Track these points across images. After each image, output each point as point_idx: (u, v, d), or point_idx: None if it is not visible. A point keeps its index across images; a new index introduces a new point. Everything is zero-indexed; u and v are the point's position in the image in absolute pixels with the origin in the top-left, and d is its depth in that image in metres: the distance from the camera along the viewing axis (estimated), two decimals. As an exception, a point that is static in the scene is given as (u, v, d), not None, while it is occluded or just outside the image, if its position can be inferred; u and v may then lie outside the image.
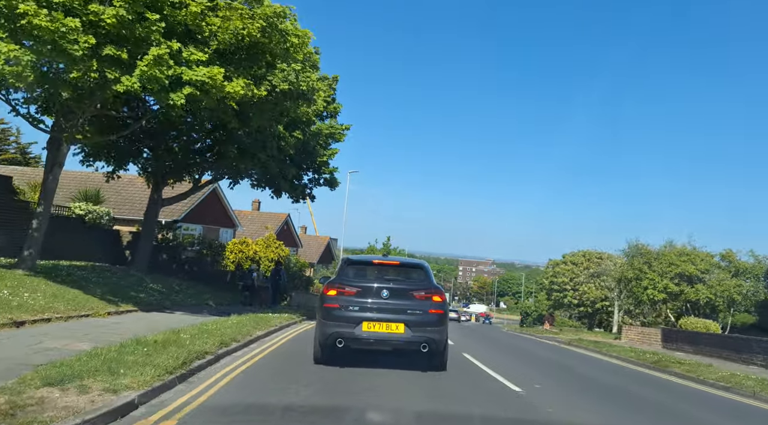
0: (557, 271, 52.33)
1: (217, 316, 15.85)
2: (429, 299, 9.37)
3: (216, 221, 36.43)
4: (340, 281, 9.56)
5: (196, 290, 23.67)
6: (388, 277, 9.68)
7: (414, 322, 9.16)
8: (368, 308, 9.22)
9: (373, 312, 9.19)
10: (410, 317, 9.18)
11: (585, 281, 49.53)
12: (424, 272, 9.92)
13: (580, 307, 50.13)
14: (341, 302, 9.30)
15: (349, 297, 9.32)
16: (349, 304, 9.26)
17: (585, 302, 49.24)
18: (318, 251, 57.34)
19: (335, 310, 9.28)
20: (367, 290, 9.35)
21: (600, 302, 48.92)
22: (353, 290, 9.36)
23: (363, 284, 9.44)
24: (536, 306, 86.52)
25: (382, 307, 9.22)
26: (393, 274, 9.80)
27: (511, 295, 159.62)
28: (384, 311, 9.20)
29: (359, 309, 9.22)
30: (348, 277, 9.67)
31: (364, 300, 9.27)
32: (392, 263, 10.01)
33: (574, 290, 50.18)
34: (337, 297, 9.35)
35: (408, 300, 9.30)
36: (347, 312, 9.21)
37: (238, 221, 38.87)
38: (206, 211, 34.96)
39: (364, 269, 10.04)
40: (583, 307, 49.83)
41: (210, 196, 35.21)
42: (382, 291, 9.32)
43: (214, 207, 35.99)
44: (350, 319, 9.17)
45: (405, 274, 9.89)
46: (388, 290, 9.34)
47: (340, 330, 9.17)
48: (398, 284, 9.49)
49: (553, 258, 54.78)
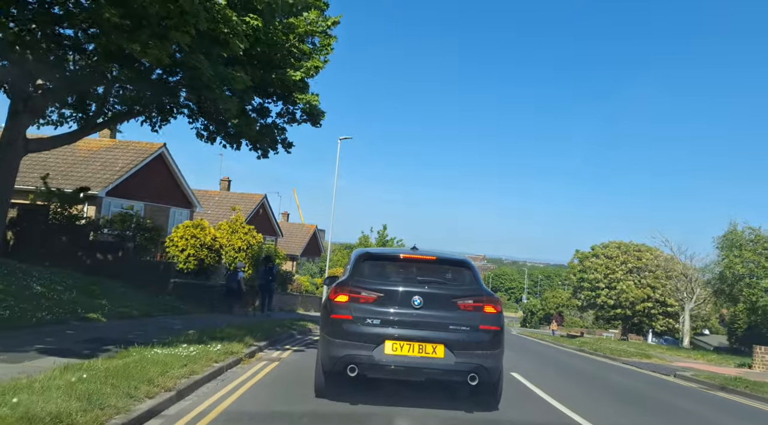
0: (587, 266, 43.91)
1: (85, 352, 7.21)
2: (479, 310, 6.93)
3: (164, 198, 27.47)
4: (354, 282, 7.01)
5: (105, 290, 14.88)
6: (422, 278, 7.13)
7: (458, 343, 6.75)
8: (393, 322, 6.79)
9: (400, 328, 6.77)
10: (453, 336, 6.77)
11: (623, 278, 41.25)
12: (471, 273, 7.32)
13: (616, 309, 41.77)
14: (355, 312, 6.83)
15: (366, 306, 6.84)
16: (366, 315, 6.79)
17: (623, 302, 40.96)
18: (302, 241, 48.50)
19: (347, 324, 6.80)
20: (392, 297, 6.89)
21: (641, 304, 40.72)
22: (372, 295, 6.89)
23: (386, 288, 6.97)
24: (543, 304, 79.85)
25: (414, 320, 6.79)
26: (428, 274, 7.23)
27: (504, 291, 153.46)
28: (416, 326, 6.78)
29: (381, 323, 6.77)
30: (365, 277, 7.10)
31: (388, 310, 6.82)
32: (426, 258, 7.38)
33: (609, 288, 41.85)
34: (349, 305, 6.87)
35: (450, 311, 6.86)
36: (364, 327, 6.76)
37: (196, 201, 29.93)
38: (149, 183, 26.01)
39: (386, 266, 7.45)
40: (620, 309, 41.54)
41: (155, 164, 26.26)
42: (413, 298, 6.84)
43: (160, 179, 27.01)
44: (368, 337, 6.72)
45: (445, 274, 7.38)
46: (422, 296, 6.86)
47: (354, 352, 6.69)
48: (436, 289, 7.02)
49: (582, 250, 46.33)
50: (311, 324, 18.17)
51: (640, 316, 41.66)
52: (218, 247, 25.06)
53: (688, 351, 24.84)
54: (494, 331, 6.95)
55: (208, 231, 24.92)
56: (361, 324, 6.81)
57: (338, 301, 7.00)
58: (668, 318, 40.78)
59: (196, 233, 24.48)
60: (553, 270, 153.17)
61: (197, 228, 24.74)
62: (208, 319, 15.67)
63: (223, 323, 13.72)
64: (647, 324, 42.17)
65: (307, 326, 17.57)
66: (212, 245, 24.71)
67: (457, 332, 6.83)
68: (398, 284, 7.06)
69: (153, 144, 26.10)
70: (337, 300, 7.02)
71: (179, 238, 24.30)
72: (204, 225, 25.04)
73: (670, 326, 40.73)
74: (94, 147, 25.80)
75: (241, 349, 9.57)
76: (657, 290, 40.21)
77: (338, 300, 7.01)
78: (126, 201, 24.54)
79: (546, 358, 17.73)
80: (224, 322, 14.17)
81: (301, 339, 14.62)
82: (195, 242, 24.32)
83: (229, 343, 9.56)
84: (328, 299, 7.22)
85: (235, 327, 12.31)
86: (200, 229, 24.77)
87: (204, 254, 24.34)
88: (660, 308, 40.50)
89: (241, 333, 11.23)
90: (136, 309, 14.16)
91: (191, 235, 24.39)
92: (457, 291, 7.10)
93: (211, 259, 24.74)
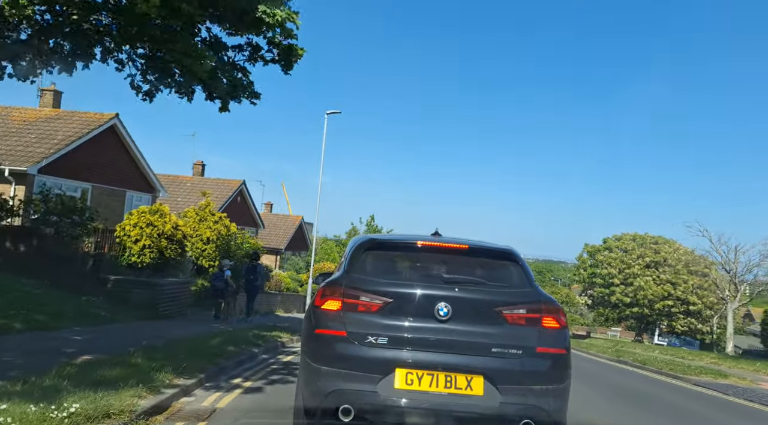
0: (600, 260, 40.05)
1: None
2: (536, 323, 4.83)
3: (118, 180, 23.19)
4: (351, 282, 4.92)
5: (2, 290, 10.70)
6: (449, 276, 4.99)
7: (505, 373, 4.66)
8: (408, 342, 4.69)
9: (418, 350, 4.68)
10: (498, 363, 4.69)
11: (640, 274, 37.49)
12: (520, 268, 5.19)
13: (633, 307, 37.96)
14: (352, 326, 4.73)
15: (367, 317, 4.76)
16: (368, 331, 4.70)
17: (641, 300, 37.19)
18: (287, 233, 44.27)
19: (339, 343, 4.70)
20: (406, 303, 4.79)
21: (661, 302, 36.96)
22: (377, 301, 4.78)
23: (397, 290, 4.85)
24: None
25: (439, 339, 4.70)
26: (458, 270, 5.08)
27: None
28: (442, 347, 4.69)
29: (389, 343, 4.68)
30: (366, 275, 5.00)
31: (400, 324, 4.74)
32: (456, 247, 5.20)
33: (624, 284, 38.02)
34: (342, 316, 4.78)
35: (492, 326, 4.78)
36: (364, 349, 4.67)
37: (160, 184, 25.63)
38: (98, 161, 21.73)
39: (398, 259, 5.34)
40: (638, 307, 37.74)
41: (106, 138, 21.96)
42: (438, 306, 4.74)
43: (113, 156, 22.72)
44: (370, 363, 4.63)
45: (482, 271, 5.19)
46: (450, 303, 4.74)
47: (349, 385, 4.62)
48: (470, 292, 4.89)
49: (591, 243, 42.39)
50: (286, 335, 13.95)
51: (659, 315, 37.93)
52: (181, 237, 20.86)
53: (752, 362, 20.83)
54: (558, 356, 4.91)
55: (168, 218, 20.71)
56: (360, 343, 4.76)
57: (326, 309, 4.90)
58: (689, 318, 37.08)
59: (153, 221, 20.26)
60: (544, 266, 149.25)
61: (155, 214, 20.51)
62: (142, 330, 11.39)
63: (155, 337, 9.60)
64: (667, 324, 38.41)
65: (280, 337, 13.34)
66: (173, 234, 20.51)
67: (504, 357, 4.81)
68: (415, 285, 4.95)
69: (103, 114, 21.82)
70: (324, 308, 4.92)
71: (132, 226, 20.08)
72: (164, 211, 20.82)
73: (692, 326, 37.03)
74: (31, 117, 21.46)
75: (134, 403, 5.25)
76: (678, 286, 36.46)
77: (326, 308, 4.91)
78: (68, 182, 20.27)
79: (586, 375, 13.80)
80: (158, 336, 10.03)
81: (265, 363, 10.10)
82: (152, 231, 20.11)
83: (114, 393, 5.30)
84: (313, 306, 5.09)
85: (166, 345, 8.20)
86: (159, 215, 20.54)
87: (163, 246, 20.17)
88: (681, 306, 36.79)
89: (161, 360, 7.08)
90: (35, 318, 9.97)
91: (147, 222, 20.17)
92: (501, 296, 4.99)
93: (172, 251, 20.56)
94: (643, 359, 17.36)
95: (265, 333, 13.36)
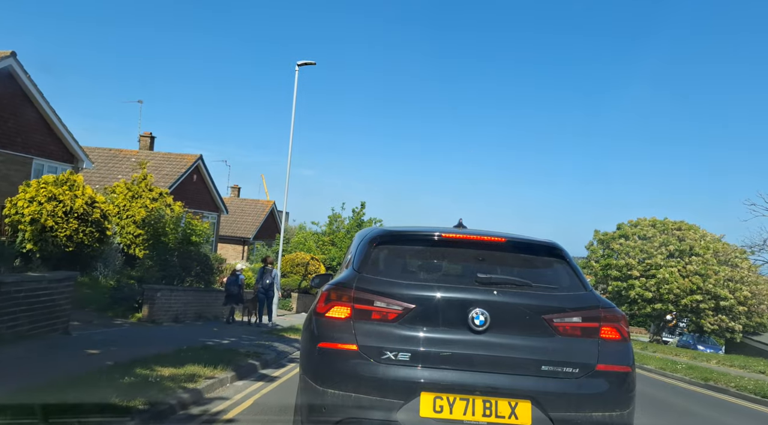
0: (616, 249, 35.16)
1: None
2: (593, 334, 3.88)
3: (19, 143, 17.40)
4: (363, 283, 3.97)
5: None
6: (484, 276, 3.96)
7: (558, 397, 3.68)
8: (436, 358, 3.76)
9: (448, 369, 3.74)
10: (548, 384, 3.71)
11: (663, 264, 32.70)
12: (568, 267, 4.20)
13: (655, 303, 33.14)
14: (365, 338, 3.81)
15: (385, 327, 3.84)
16: (385, 345, 3.78)
17: (665, 295, 32.39)
18: (256, 220, 38.60)
19: (349, 360, 3.79)
20: (432, 309, 3.84)
21: (688, 297, 32.20)
22: (396, 307, 3.85)
23: (420, 293, 3.88)
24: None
25: (474, 355, 3.75)
26: (492, 269, 4.12)
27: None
28: (478, 364, 3.75)
29: (412, 360, 3.75)
30: (381, 275, 4.05)
31: (426, 335, 3.81)
32: (490, 240, 4.20)
33: (645, 276, 33.22)
34: (352, 326, 3.86)
35: (540, 338, 3.82)
36: (381, 368, 3.74)
37: (83, 153, 19.83)
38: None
39: (419, 255, 4.32)
40: (661, 303, 32.94)
41: (3, 86, 16.20)
42: (472, 313, 3.79)
43: (11, 110, 16.94)
44: (389, 386, 3.70)
45: (521, 270, 4.14)
46: (488, 309, 3.79)
47: (363, 413, 3.70)
48: (511, 296, 3.89)
49: (602, 230, 37.43)
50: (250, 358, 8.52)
51: (684, 311, 33.22)
52: (99, 217, 15.23)
53: None
54: (622, 374, 3.83)
55: (81, 192, 15.10)
56: (375, 360, 3.71)
57: (332, 318, 3.89)
58: (719, 314, 32.45)
59: (59, 194, 14.66)
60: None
61: (62, 186, 14.91)
62: None
63: None
64: (693, 322, 33.69)
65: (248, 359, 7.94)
66: (87, 212, 14.89)
67: (556, 376, 3.71)
68: (443, 288, 3.88)
69: (-3, 53, 16.01)
70: (329, 316, 3.91)
71: (28, 201, 14.47)
72: (76, 182, 15.23)
73: (722, 324, 32.42)
74: None
75: None
76: (708, 279, 31.78)
77: (332, 316, 3.90)
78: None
79: (669, 410, 8.81)
80: None
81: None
82: (58, 208, 14.50)
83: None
84: (315, 312, 4.06)
85: None
86: (68, 187, 14.94)
87: (73, 228, 14.57)
88: (710, 301, 32.16)
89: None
90: None
91: (49, 196, 14.56)
92: (550, 300, 3.89)
93: (88, 236, 14.99)
94: (754, 389, 12.03)
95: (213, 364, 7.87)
